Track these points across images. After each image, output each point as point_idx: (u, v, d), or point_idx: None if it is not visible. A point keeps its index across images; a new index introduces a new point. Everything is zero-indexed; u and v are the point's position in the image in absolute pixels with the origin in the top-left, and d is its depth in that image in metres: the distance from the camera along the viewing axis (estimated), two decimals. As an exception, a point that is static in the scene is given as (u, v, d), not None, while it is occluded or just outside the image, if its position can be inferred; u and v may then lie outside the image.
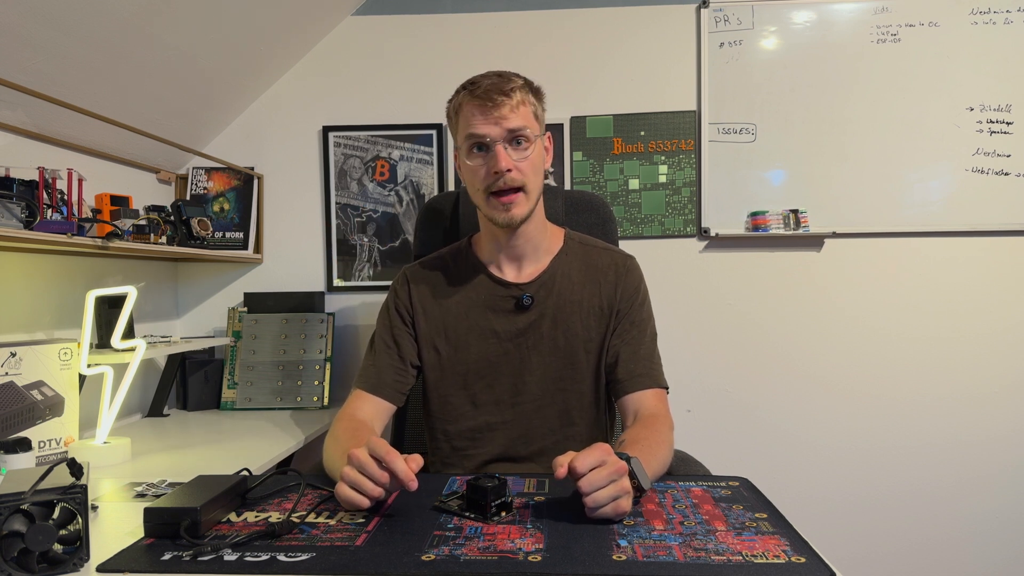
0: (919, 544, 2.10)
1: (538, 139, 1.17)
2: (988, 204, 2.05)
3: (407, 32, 2.15)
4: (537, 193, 1.19)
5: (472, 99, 1.13)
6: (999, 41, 2.04)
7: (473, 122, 1.13)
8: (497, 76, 1.15)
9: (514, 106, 1.13)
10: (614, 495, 0.83)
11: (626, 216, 2.12)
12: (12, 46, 1.34)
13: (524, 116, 1.14)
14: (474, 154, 1.15)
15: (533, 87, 1.19)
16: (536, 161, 1.17)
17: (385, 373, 1.23)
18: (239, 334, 2.05)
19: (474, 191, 1.18)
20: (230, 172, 2.14)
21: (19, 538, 0.70)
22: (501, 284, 1.24)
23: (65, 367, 1.41)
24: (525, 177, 1.14)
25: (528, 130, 1.14)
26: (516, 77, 1.17)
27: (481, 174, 1.14)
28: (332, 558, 0.74)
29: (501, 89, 1.12)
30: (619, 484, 0.84)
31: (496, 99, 1.11)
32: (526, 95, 1.16)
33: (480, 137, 1.13)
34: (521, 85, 1.15)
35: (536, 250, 1.25)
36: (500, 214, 1.15)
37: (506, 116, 1.12)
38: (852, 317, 2.11)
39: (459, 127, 1.17)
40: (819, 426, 2.12)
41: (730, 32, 2.09)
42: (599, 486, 0.83)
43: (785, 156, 2.09)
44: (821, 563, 0.71)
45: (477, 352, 1.23)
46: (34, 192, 1.32)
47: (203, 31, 1.72)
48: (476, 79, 1.16)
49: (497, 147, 1.12)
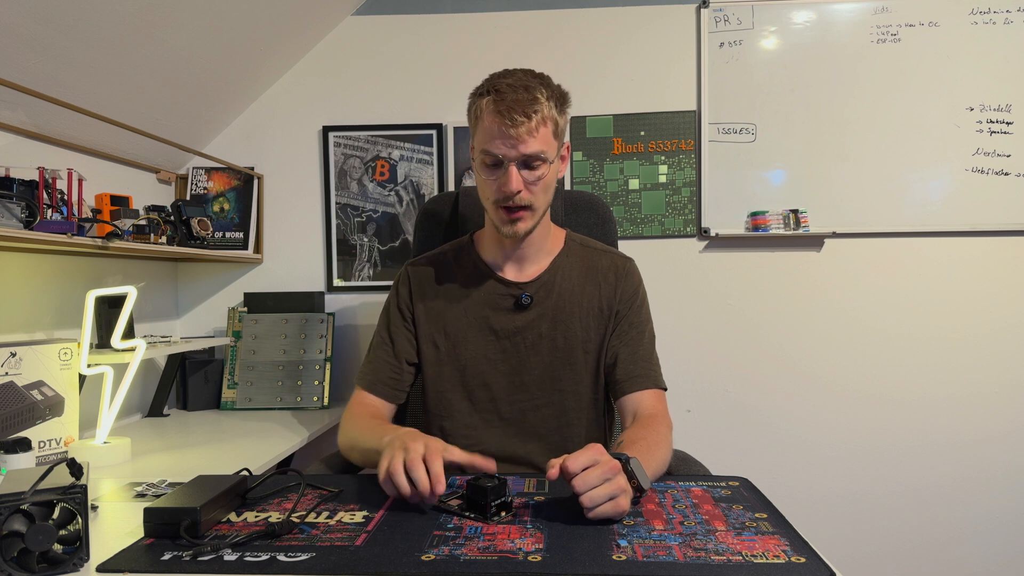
0: (919, 544, 2.10)
1: (555, 159, 1.16)
2: (988, 204, 2.05)
3: (407, 32, 2.14)
4: (544, 208, 1.20)
5: (494, 112, 1.10)
6: (999, 41, 2.04)
7: (490, 139, 1.12)
8: (524, 90, 1.10)
9: (533, 128, 1.10)
10: (610, 494, 0.83)
11: (626, 216, 2.12)
12: (12, 46, 1.34)
13: (543, 138, 1.12)
14: (487, 167, 1.14)
15: (559, 96, 1.16)
16: (548, 181, 1.16)
17: (381, 371, 1.25)
18: (239, 334, 2.05)
19: (484, 197, 1.19)
20: (230, 172, 2.14)
21: (19, 538, 0.69)
22: (501, 282, 1.25)
23: (65, 367, 1.41)
24: (534, 197, 1.15)
25: (544, 153, 1.12)
26: (543, 91, 1.12)
27: (492, 187, 1.14)
28: (332, 558, 0.74)
29: (524, 109, 1.09)
30: (614, 483, 0.84)
31: (517, 120, 1.08)
32: (550, 111, 1.12)
33: (494, 156, 1.12)
34: (545, 103, 1.12)
35: (538, 251, 1.26)
36: (506, 227, 1.16)
37: (523, 139, 1.10)
38: (852, 317, 2.11)
39: (477, 133, 1.16)
40: (819, 426, 2.12)
41: (730, 32, 2.09)
42: (593, 485, 0.83)
43: (785, 156, 2.09)
44: (821, 563, 0.71)
45: (475, 349, 1.24)
46: (34, 192, 1.32)
47: (203, 31, 1.72)
48: (502, 86, 1.11)
49: (510, 168, 1.11)
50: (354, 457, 1.16)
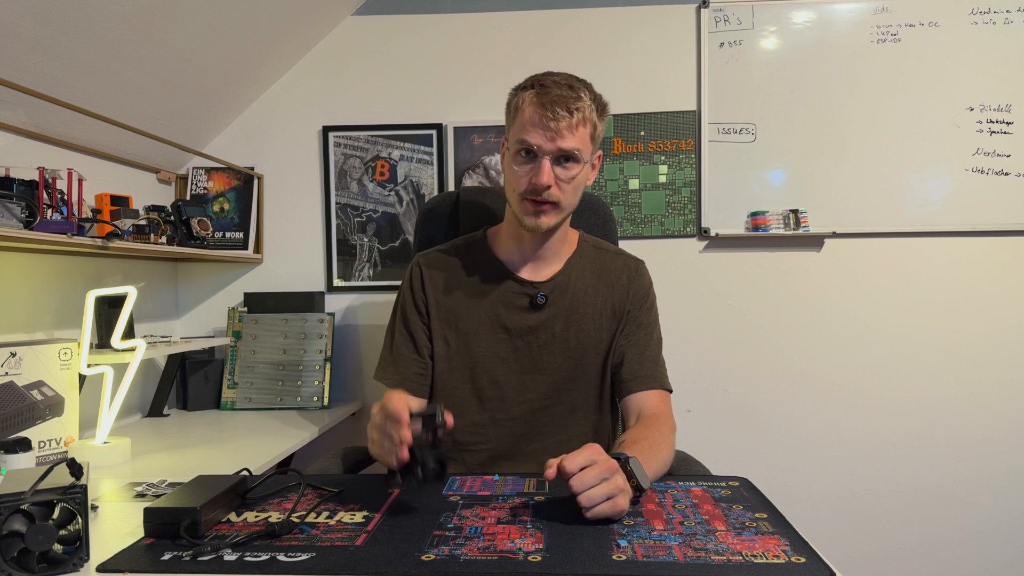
0: (919, 544, 2.10)
1: (587, 162, 1.16)
2: (988, 204, 2.05)
3: (407, 32, 2.14)
4: (570, 210, 1.20)
5: (536, 104, 1.11)
6: (999, 41, 2.04)
7: (528, 128, 1.11)
8: (568, 87, 1.12)
9: (573, 125, 1.10)
10: (607, 493, 0.83)
11: (626, 216, 2.12)
12: (12, 46, 1.34)
13: (580, 138, 1.12)
14: (521, 158, 1.14)
15: (600, 103, 1.16)
16: (579, 182, 1.16)
17: (407, 367, 1.24)
18: (239, 334, 2.05)
19: (510, 190, 1.18)
20: (230, 172, 2.14)
21: (19, 538, 0.69)
22: (516, 281, 1.24)
23: (65, 367, 1.41)
24: (563, 195, 1.14)
25: (580, 152, 1.12)
26: (586, 92, 1.13)
27: (523, 179, 1.14)
28: (332, 558, 0.74)
29: (567, 104, 1.09)
30: (612, 483, 0.84)
31: (558, 113, 1.09)
32: (590, 114, 1.13)
33: (530, 145, 1.12)
34: (588, 103, 1.12)
35: (555, 253, 1.26)
36: (529, 219, 1.15)
37: (562, 134, 1.10)
38: (852, 317, 2.11)
39: (514, 125, 1.16)
40: (819, 426, 2.12)
41: (730, 32, 2.09)
42: (590, 485, 0.83)
43: (785, 156, 2.09)
44: (821, 563, 0.71)
45: (486, 346, 1.23)
46: (34, 192, 1.32)
47: (203, 31, 1.72)
48: (547, 81, 1.12)
49: (544, 160, 1.11)
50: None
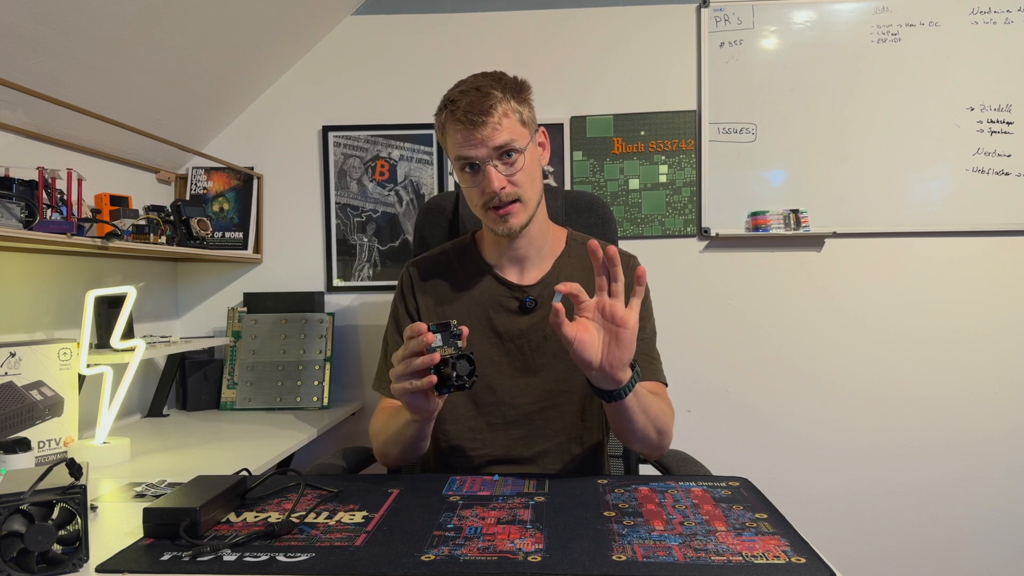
0: (919, 544, 2.10)
1: (529, 145, 1.15)
2: (988, 204, 2.05)
3: (407, 32, 2.14)
4: (536, 199, 1.18)
5: (454, 120, 1.11)
6: (999, 41, 2.04)
7: (460, 145, 1.12)
8: (476, 91, 1.11)
9: (496, 123, 1.10)
10: (606, 341, 0.96)
11: (626, 216, 2.12)
12: (12, 46, 1.34)
13: (509, 129, 1.11)
14: (466, 174, 1.14)
15: (516, 89, 1.15)
16: (530, 169, 1.15)
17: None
18: (239, 334, 2.05)
19: (473, 206, 1.19)
20: (230, 172, 2.14)
21: (18, 538, 0.69)
22: (505, 285, 1.24)
23: (65, 367, 1.41)
24: (520, 188, 1.14)
25: (516, 142, 1.12)
26: (495, 88, 1.12)
27: (476, 193, 1.14)
28: (332, 558, 0.74)
29: (480, 108, 1.09)
30: (620, 343, 0.95)
31: (476, 120, 1.09)
32: (508, 105, 1.12)
33: (468, 159, 1.12)
34: (501, 97, 1.11)
35: (539, 252, 1.25)
36: (499, 226, 1.15)
37: (490, 136, 1.09)
38: (852, 317, 2.11)
39: (448, 146, 1.16)
40: (819, 426, 2.12)
41: (730, 32, 2.09)
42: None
43: (785, 156, 2.09)
44: (821, 563, 0.71)
45: (479, 351, 1.23)
46: (34, 192, 1.32)
47: (203, 31, 1.72)
48: (455, 96, 1.12)
49: (487, 168, 1.11)
50: (395, 454, 1.15)
